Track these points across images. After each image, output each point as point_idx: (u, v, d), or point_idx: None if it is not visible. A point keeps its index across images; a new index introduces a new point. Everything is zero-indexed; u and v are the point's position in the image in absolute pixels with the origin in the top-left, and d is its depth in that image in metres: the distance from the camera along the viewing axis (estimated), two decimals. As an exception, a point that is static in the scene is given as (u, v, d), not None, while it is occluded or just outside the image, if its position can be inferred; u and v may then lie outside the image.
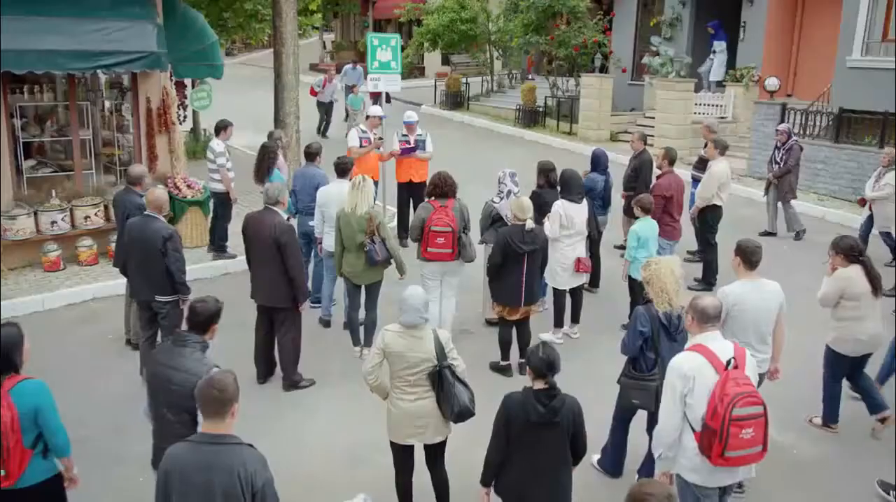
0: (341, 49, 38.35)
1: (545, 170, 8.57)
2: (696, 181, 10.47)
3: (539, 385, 4.17)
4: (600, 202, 9.18)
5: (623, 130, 18.87)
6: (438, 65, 31.11)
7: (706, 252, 9.70)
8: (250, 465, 3.32)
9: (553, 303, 8.17)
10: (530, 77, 24.13)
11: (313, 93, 18.77)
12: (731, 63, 18.18)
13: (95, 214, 9.87)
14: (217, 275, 9.88)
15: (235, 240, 10.22)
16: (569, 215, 7.88)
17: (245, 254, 7.13)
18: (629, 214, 10.35)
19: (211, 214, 10.40)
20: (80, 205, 9.80)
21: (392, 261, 7.34)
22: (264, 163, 9.13)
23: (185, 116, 12.01)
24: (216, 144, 9.86)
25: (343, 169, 8.11)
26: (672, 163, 9.02)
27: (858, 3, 14.82)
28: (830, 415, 6.41)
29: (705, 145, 10.58)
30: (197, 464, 3.32)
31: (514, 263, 7.10)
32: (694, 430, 4.20)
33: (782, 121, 14.36)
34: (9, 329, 4.10)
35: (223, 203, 10.00)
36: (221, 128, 9.89)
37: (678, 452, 4.32)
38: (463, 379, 4.84)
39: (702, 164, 10.29)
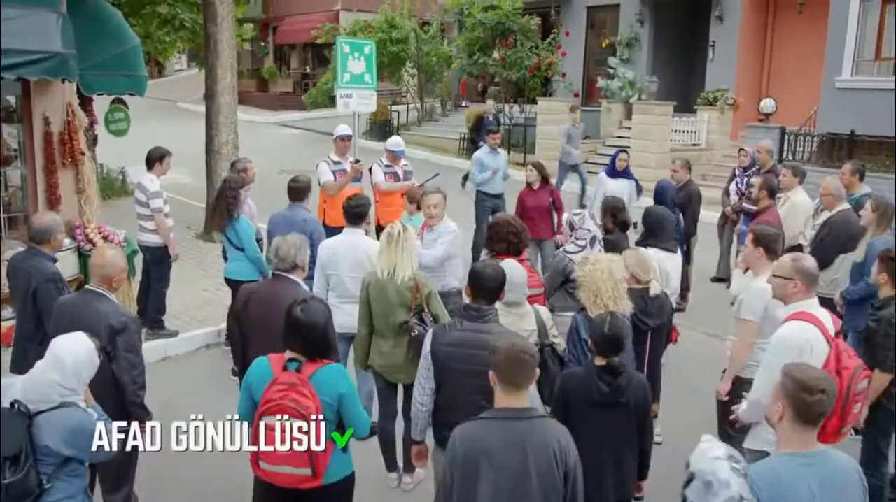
0: (241, 77, 35.47)
1: (614, 209, 6.49)
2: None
3: (601, 362, 3.75)
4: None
5: (584, 160, 17.16)
6: (351, 92, 28.82)
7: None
8: (563, 439, 3.05)
9: None
10: (464, 104, 22.26)
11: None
12: (699, 85, 16.86)
13: (-28, 282, 6.98)
14: (154, 360, 7.06)
15: (177, 311, 7.70)
16: (664, 269, 5.79)
17: (238, 345, 4.55)
18: (676, 259, 8.44)
19: (140, 277, 7.67)
20: (-50, 271, 6.90)
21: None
22: (221, 203, 6.54)
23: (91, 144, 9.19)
24: (149, 182, 7.21)
25: (357, 213, 5.66)
26: (773, 194, 7.12)
27: (847, 20, 13.76)
28: None
29: (759, 170, 8.79)
30: (507, 443, 2.98)
31: (635, 344, 4.88)
32: None
33: (781, 147, 12.99)
34: (319, 305, 3.57)
35: (159, 261, 7.32)
36: (156, 158, 7.25)
37: (758, 428, 3.95)
38: (564, 360, 4.43)
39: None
